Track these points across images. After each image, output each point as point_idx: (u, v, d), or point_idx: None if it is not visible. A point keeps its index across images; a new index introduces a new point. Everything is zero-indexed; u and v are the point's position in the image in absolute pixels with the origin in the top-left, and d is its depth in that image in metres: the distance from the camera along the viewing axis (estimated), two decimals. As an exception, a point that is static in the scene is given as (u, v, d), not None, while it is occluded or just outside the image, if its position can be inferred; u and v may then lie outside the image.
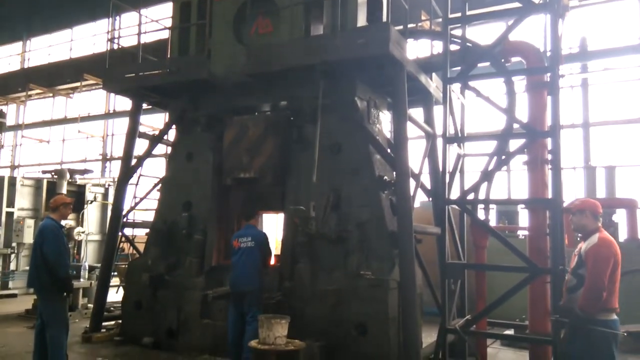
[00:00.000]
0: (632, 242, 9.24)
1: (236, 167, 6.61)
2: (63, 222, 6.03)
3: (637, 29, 12.28)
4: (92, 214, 13.41)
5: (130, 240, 8.46)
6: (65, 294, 5.61)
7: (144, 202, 8.45)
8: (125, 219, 8.05)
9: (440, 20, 6.79)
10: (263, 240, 6.16)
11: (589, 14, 12.95)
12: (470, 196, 6.28)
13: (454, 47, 6.58)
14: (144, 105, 8.29)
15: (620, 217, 9.77)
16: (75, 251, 12.12)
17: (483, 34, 12.77)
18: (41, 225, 5.79)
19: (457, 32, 7.21)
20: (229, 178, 6.72)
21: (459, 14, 6.56)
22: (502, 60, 6.36)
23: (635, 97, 12.24)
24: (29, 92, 21.77)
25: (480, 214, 7.16)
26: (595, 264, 4.15)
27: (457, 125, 7.32)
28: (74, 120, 20.18)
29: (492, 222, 10.23)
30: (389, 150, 6.41)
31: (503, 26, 11.47)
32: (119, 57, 9.72)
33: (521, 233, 10.36)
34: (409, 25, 6.58)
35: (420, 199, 8.69)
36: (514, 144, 6.34)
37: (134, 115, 8.10)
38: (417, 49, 8.56)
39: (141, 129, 8.30)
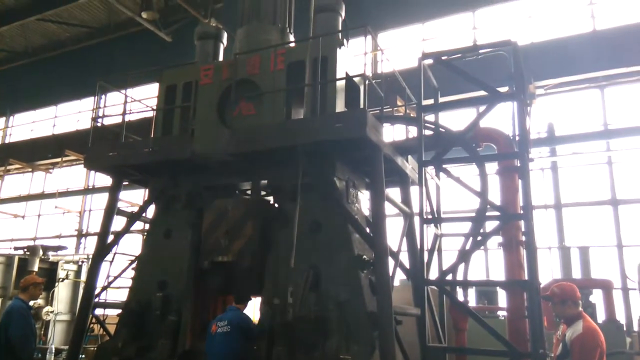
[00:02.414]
0: (610, 324, 9.25)
1: (214, 250, 6.54)
2: (32, 302, 5.84)
3: (601, 116, 13.04)
4: (62, 292, 12.94)
5: (101, 321, 8.14)
6: None
7: (117, 280, 8.24)
8: (97, 299, 7.80)
9: (414, 105, 7.14)
10: (244, 325, 5.94)
11: (556, 101, 13.76)
12: (449, 277, 6.31)
13: (428, 132, 6.89)
14: (124, 182, 8.31)
15: (597, 297, 9.83)
16: (42, 332, 11.55)
17: (456, 118, 13.40)
18: (9, 306, 5.61)
19: (431, 117, 7.58)
20: (206, 261, 6.63)
21: (432, 101, 6.94)
22: (474, 144, 6.66)
23: (603, 180, 12.75)
24: (8, 167, 21.65)
25: (460, 295, 7.15)
26: (581, 355, 4.13)
27: (433, 205, 7.49)
28: (51, 195, 19.98)
29: (472, 302, 10.17)
30: (367, 230, 6.49)
31: (475, 110, 12.11)
32: (102, 134, 9.87)
33: (501, 314, 10.29)
34: (385, 110, 6.90)
35: (399, 276, 8.68)
36: (490, 224, 6.50)
37: (113, 192, 8.09)
38: (393, 133, 8.92)
39: (119, 204, 8.27)
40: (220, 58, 8.57)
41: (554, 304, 4.56)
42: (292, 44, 7.48)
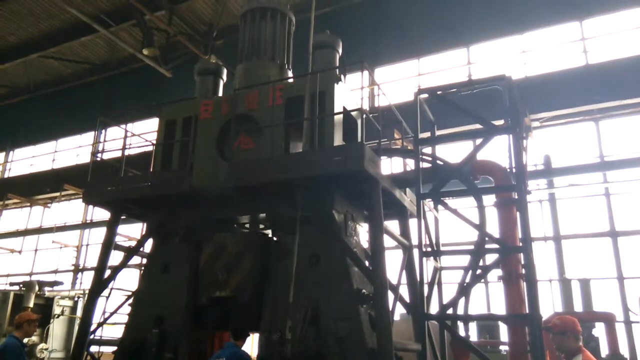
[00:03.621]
0: (614, 358, 9.10)
1: (212, 285, 6.49)
2: (26, 339, 5.76)
3: (596, 148, 13.16)
4: (57, 329, 12.73)
5: (96, 359, 7.97)
6: None
7: (114, 316, 8.11)
8: (92, 335, 7.67)
9: (411, 138, 7.22)
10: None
11: (551, 134, 13.90)
12: (450, 311, 6.24)
13: (425, 165, 6.94)
14: (122, 216, 8.30)
15: (599, 331, 9.70)
16: (35, 370, 11.31)
17: (453, 151, 13.50)
18: (2, 344, 5.54)
19: (428, 150, 7.64)
20: (204, 297, 6.56)
21: (428, 134, 7.01)
22: (471, 177, 6.70)
23: (601, 211, 12.76)
24: (6, 202, 21.62)
25: (461, 329, 7.05)
26: None
27: (432, 238, 7.48)
28: (49, 230, 19.87)
29: (473, 337, 10.03)
30: (366, 263, 6.45)
31: (471, 144, 12.20)
32: (102, 168, 9.91)
33: (503, 348, 10.12)
34: (383, 143, 6.96)
35: (399, 310, 8.57)
36: (490, 256, 6.47)
37: (111, 226, 8.06)
38: (391, 166, 8.98)
39: (117, 239, 8.23)
40: (220, 94, 8.70)
41: (553, 335, 4.52)
42: (291, 80, 7.62)
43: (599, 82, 12.78)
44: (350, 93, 7.40)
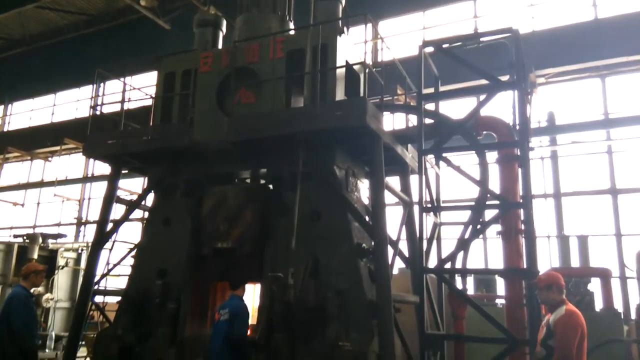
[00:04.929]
0: (608, 312, 9.28)
1: (214, 237, 6.56)
2: (32, 289, 5.88)
3: (601, 105, 13.01)
4: (62, 280, 12.96)
5: (101, 309, 8.17)
6: None
7: (117, 268, 8.25)
8: (96, 286, 7.82)
9: (415, 94, 7.11)
10: (237, 314, 6.01)
11: (556, 90, 13.71)
12: (448, 265, 6.33)
13: (428, 121, 6.87)
14: (123, 170, 8.30)
15: (595, 286, 9.87)
16: (42, 319, 11.59)
17: (456, 107, 13.36)
18: (10, 293, 5.65)
19: (431, 106, 7.55)
20: (206, 248, 6.65)
21: (432, 89, 6.90)
22: (474, 133, 6.64)
23: (603, 169, 12.75)
24: (7, 155, 21.62)
25: (458, 283, 7.18)
26: (563, 335, 4.30)
27: (432, 194, 7.49)
28: (50, 183, 19.96)
29: (470, 291, 10.22)
30: (367, 218, 6.49)
31: (475, 100, 12.05)
32: (101, 122, 9.83)
33: (499, 302, 10.34)
34: (385, 99, 6.87)
35: (398, 265, 8.70)
36: (489, 213, 6.50)
37: (112, 180, 8.08)
38: (393, 121, 8.89)
39: (118, 193, 8.26)
40: (220, 46, 8.51)
41: (539, 290, 4.73)
42: (292, 32, 7.43)
43: (608, 37, 12.50)
44: (353, 46, 7.23)
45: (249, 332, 6.29)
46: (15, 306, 5.37)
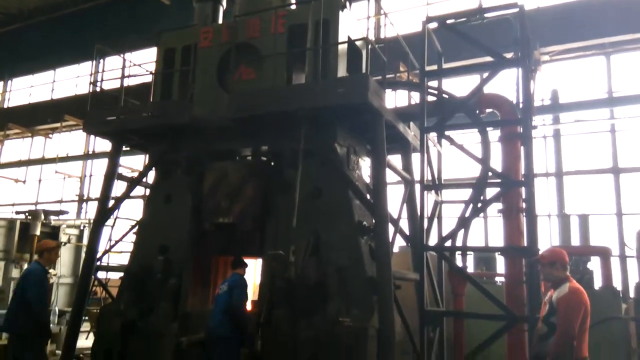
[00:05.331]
0: (607, 290, 9.34)
1: (215, 212, 6.58)
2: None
3: (605, 83, 12.87)
4: (65, 256, 13.06)
5: (103, 284, 8.25)
6: (44, 340, 5.57)
7: (119, 244, 8.31)
8: (99, 262, 7.88)
9: (417, 71, 7.03)
10: (235, 284, 6.08)
11: (560, 68, 13.56)
12: (448, 243, 6.35)
13: (430, 98, 6.81)
14: (124, 147, 8.28)
15: (594, 264, 9.92)
16: (46, 295, 11.73)
17: (459, 85, 13.23)
18: (26, 269, 5.88)
19: (434, 83, 7.47)
20: (207, 223, 6.67)
21: (435, 67, 6.82)
22: (477, 111, 6.59)
23: (605, 148, 12.69)
24: (7, 132, 21.56)
25: (458, 261, 7.21)
26: (566, 312, 4.26)
27: (434, 172, 7.47)
28: (51, 160, 19.94)
29: (470, 269, 10.27)
30: (368, 196, 6.49)
31: (478, 78, 11.94)
32: (101, 99, 9.76)
33: (499, 280, 10.41)
34: (388, 76, 6.79)
35: (399, 243, 8.73)
36: (490, 191, 6.49)
37: (113, 157, 8.06)
38: (395, 99, 8.82)
39: (120, 170, 8.26)
40: (220, 21, 8.39)
41: (542, 266, 4.67)
42: (294, 6, 7.31)
43: (613, 14, 12.29)
44: (355, 22, 7.12)
45: (250, 307, 6.36)
46: (31, 282, 5.64)
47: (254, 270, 7.31)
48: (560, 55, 13.22)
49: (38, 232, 11.98)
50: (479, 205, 6.38)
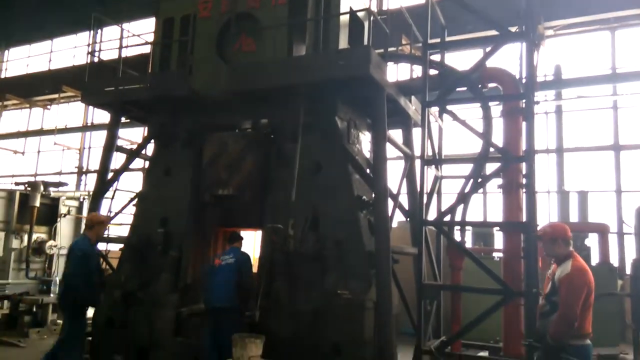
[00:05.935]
0: (604, 266, 9.43)
1: (215, 184, 6.58)
2: (35, 236, 6.25)
3: (609, 59, 12.72)
4: (65, 228, 13.09)
5: (104, 256, 8.28)
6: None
7: (119, 216, 8.31)
8: (99, 234, 7.89)
9: (420, 45, 6.92)
10: (244, 260, 6.13)
11: (564, 43, 13.38)
12: (447, 218, 6.35)
13: (433, 72, 6.72)
14: (123, 119, 8.22)
15: (592, 241, 9.99)
16: (47, 265, 11.80)
17: (462, 59, 13.07)
18: (72, 243, 6.24)
19: (437, 57, 7.36)
20: (207, 194, 6.67)
21: (438, 40, 6.71)
22: (479, 86, 6.51)
23: (606, 125, 12.62)
24: (5, 103, 21.39)
25: (457, 236, 7.24)
26: (568, 293, 4.20)
27: (435, 147, 7.44)
28: (50, 132, 19.83)
29: (468, 244, 10.34)
30: (368, 171, 6.47)
31: (481, 52, 11.78)
32: (99, 70, 9.64)
33: (496, 255, 10.49)
34: (390, 49, 6.69)
35: (398, 218, 8.76)
36: (490, 167, 6.46)
37: (112, 128, 8.01)
38: (397, 72, 8.71)
39: (119, 142, 8.21)
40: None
41: (544, 242, 4.60)
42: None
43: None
44: (357, -8, 6.98)
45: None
46: (73, 259, 5.88)
47: (253, 243, 7.34)
48: (565, 30, 13.04)
49: (37, 204, 11.98)
50: (479, 180, 6.36)
